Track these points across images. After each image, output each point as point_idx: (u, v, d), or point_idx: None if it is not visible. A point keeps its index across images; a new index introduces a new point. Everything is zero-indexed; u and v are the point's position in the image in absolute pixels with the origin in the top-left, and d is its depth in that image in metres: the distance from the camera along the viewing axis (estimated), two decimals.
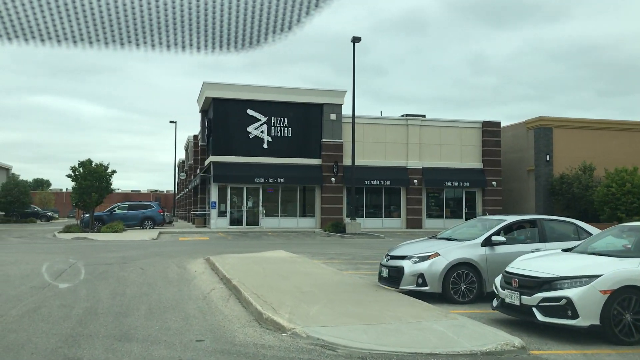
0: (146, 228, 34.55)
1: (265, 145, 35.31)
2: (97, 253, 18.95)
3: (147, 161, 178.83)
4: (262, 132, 35.29)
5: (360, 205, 36.92)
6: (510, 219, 10.69)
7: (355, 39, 30.45)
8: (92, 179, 30.22)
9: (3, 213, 61.88)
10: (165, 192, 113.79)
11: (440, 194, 38.64)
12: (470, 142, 38.50)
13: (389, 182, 36.46)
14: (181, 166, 64.51)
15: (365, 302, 8.83)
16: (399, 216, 37.46)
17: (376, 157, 36.88)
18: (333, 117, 35.99)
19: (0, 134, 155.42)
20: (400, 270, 10.07)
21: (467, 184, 37.77)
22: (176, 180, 64.42)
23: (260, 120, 35.23)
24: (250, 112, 35.15)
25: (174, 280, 12.37)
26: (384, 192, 37.32)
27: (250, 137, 35.11)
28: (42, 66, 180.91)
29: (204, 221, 37.70)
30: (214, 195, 34.70)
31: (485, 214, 37.24)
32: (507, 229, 10.58)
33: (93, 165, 30.70)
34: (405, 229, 36.28)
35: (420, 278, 9.84)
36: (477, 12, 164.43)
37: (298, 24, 2.54)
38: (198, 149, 43.16)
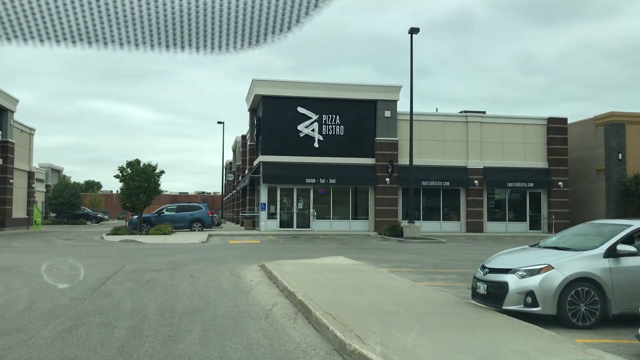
0: (194, 230, 33.58)
1: (316, 145, 33.82)
2: (144, 257, 17.77)
3: (194, 164, 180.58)
4: (312, 130, 33.82)
5: (416, 207, 35.00)
6: (638, 224, 8.72)
7: (413, 30, 28.62)
8: (140, 180, 29.36)
9: (55, 215, 62.63)
10: (212, 193, 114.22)
11: (502, 196, 36.28)
12: (535, 139, 36.00)
13: (447, 183, 34.38)
14: (228, 167, 63.82)
15: (468, 327, 7.09)
16: (458, 219, 35.31)
17: (433, 156, 34.86)
18: (387, 114, 34.19)
19: (54, 138, 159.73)
20: (503, 287, 8.27)
21: (532, 184, 35.28)
22: (224, 181, 63.78)
23: (311, 118, 33.77)
24: (300, 109, 33.74)
25: (228, 291, 10.90)
26: (442, 193, 35.25)
27: (301, 135, 33.69)
28: (93, 71, 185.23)
29: (253, 223, 36.48)
30: (263, 197, 33.42)
31: (552, 218, 34.74)
32: (630, 238, 8.62)
33: (141, 166, 29.84)
34: (466, 233, 34.12)
35: (530, 297, 8.02)
36: (525, 10, 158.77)
37: (297, 24, 2.59)
38: (246, 149, 42.09)
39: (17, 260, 16.50)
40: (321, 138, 33.87)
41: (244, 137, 45.84)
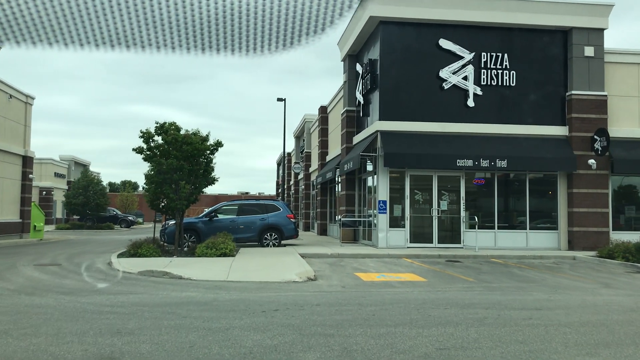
0: (267, 245, 20.37)
1: (470, 103, 20.17)
2: None
3: (233, 166, 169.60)
4: (464, 79, 20.19)
5: (636, 206, 20.95)
6: None
7: None
8: (180, 156, 16.32)
9: (77, 217, 50.72)
10: (257, 194, 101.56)
11: None
12: None
13: None
14: (282, 162, 50.59)
15: None
16: None
17: None
18: (589, 51, 20.27)
19: (96, 142, 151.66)
20: None
21: None
22: (280, 175, 50.49)
23: (461, 58, 20.15)
24: (444, 43, 20.13)
25: None
26: None
27: (445, 87, 20.10)
28: (134, 76, 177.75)
29: (354, 234, 23.02)
30: (382, 190, 19.94)
31: None
32: None
33: (181, 133, 16.71)
34: None
35: None
36: None
37: (331, 25, 2.59)
38: (343, 120, 28.65)
39: None
40: (479, 92, 20.21)
41: (324, 109, 32.43)
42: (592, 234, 19.92)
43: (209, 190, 22.01)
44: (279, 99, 42.32)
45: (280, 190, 52.89)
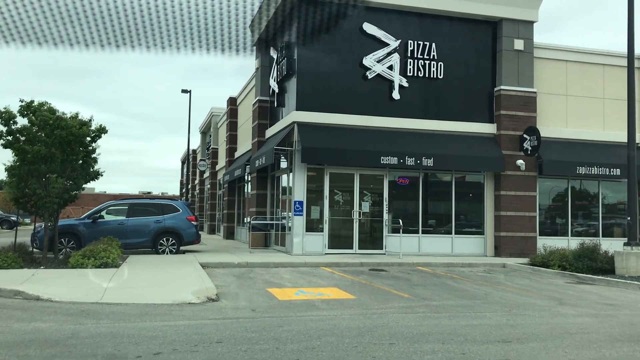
0: (163, 252, 17.44)
1: (396, 95, 18.33)
2: None
3: (139, 165, 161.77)
4: (390, 68, 18.33)
5: (562, 210, 20.02)
6: None
7: None
8: (51, 143, 13.12)
9: None
10: (160, 194, 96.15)
11: None
12: None
13: (617, 171, 19.47)
14: (187, 160, 47.08)
15: None
16: (623, 234, 20.42)
17: (587, 125, 20.01)
18: (519, 45, 19.07)
19: None
20: None
21: None
22: (185, 174, 46.94)
23: (387, 45, 18.27)
24: (368, 28, 18.16)
25: None
26: (600, 188, 20.34)
27: (369, 77, 18.14)
28: (33, 69, 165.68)
29: (265, 239, 20.56)
30: (299, 190, 17.62)
31: None
32: None
33: (55, 116, 13.47)
34: None
35: None
36: None
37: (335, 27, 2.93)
38: (255, 112, 26.10)
39: None
40: (405, 83, 18.42)
41: (233, 100, 29.63)
42: (520, 239, 18.70)
43: (109, 189, 19.15)
44: (184, 91, 39.19)
45: (184, 190, 49.27)
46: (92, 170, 14.69)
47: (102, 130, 14.11)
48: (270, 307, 8.94)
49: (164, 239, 17.55)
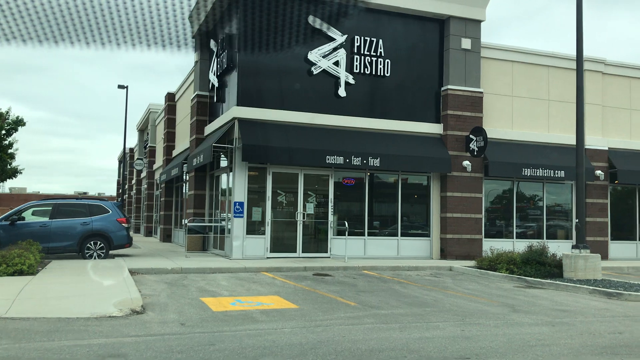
0: (91, 256, 16.06)
1: (342, 92, 17.64)
2: None
3: (77, 164, 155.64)
4: (336, 64, 17.62)
5: (507, 212, 19.85)
6: None
7: None
8: None
9: None
10: (97, 194, 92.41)
11: (630, 199, 22.02)
12: None
13: (561, 173, 19.46)
14: (123, 159, 45.00)
15: None
16: (567, 236, 20.47)
17: (532, 127, 19.95)
18: (466, 44, 18.77)
19: None
20: None
21: None
22: (122, 173, 44.84)
23: (333, 40, 17.56)
24: (314, 21, 17.37)
25: None
26: (545, 190, 20.30)
27: (315, 72, 17.37)
28: None
29: (204, 242, 19.46)
30: (239, 190, 16.64)
31: None
32: None
33: None
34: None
35: None
36: None
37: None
38: (194, 107, 24.84)
39: None
40: (351, 80, 17.75)
41: (171, 96, 28.24)
42: (466, 241, 18.38)
43: (44, 189, 17.54)
44: (120, 86, 37.40)
45: (121, 191, 47.12)
46: (8, 167, 13.25)
47: (18, 123, 12.74)
48: (202, 320, 7.99)
49: (92, 242, 16.17)
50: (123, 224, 16.73)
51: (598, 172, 20.12)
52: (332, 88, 17.54)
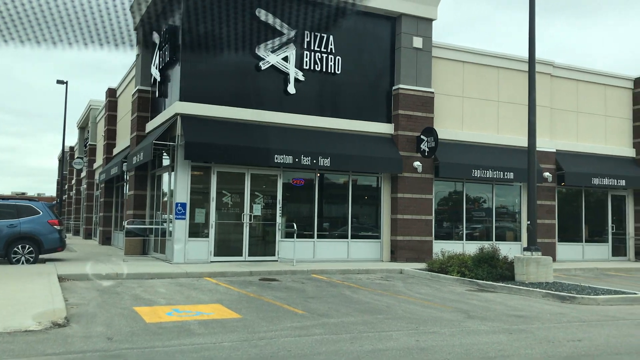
0: (18, 261, 14.81)
1: (291, 89, 16.98)
2: None
3: (16, 164, 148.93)
4: (285, 59, 16.95)
5: (457, 214, 19.64)
6: None
7: None
8: None
9: None
10: (36, 195, 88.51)
11: (576, 201, 22.24)
12: (617, 111, 22.65)
13: (510, 175, 19.43)
14: (63, 158, 42.95)
15: None
16: (515, 237, 20.48)
17: (483, 128, 19.85)
18: (417, 42, 18.47)
19: None
20: None
21: (622, 182, 21.70)
22: (62, 173, 42.71)
23: (282, 35, 16.87)
24: (262, 15, 16.67)
25: None
26: (495, 192, 20.23)
27: (263, 67, 16.64)
28: None
29: (143, 245, 18.43)
30: (182, 190, 15.74)
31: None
32: None
33: None
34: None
35: None
36: None
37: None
38: (135, 103, 23.64)
39: None
40: (301, 77, 17.12)
41: (112, 91, 26.89)
42: (416, 243, 18.05)
43: None
44: (59, 82, 35.65)
45: (60, 192, 44.92)
46: None
47: None
48: (133, 334, 7.17)
49: (19, 246, 14.92)
50: (55, 226, 15.53)
51: (546, 174, 20.19)
52: (281, 84, 16.86)
